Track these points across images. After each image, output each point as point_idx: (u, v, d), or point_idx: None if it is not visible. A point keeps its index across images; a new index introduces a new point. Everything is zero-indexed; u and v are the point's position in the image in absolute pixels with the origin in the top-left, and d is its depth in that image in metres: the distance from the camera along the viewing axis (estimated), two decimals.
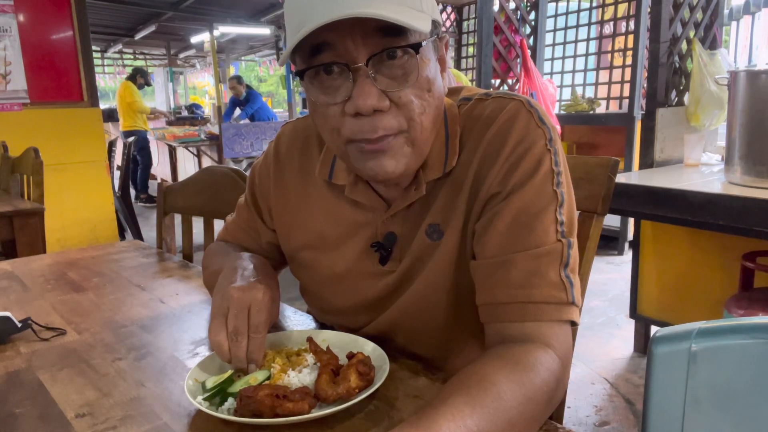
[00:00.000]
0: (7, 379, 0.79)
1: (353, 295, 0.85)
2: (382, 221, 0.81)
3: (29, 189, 2.52)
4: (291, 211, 0.90)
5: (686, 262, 2.44)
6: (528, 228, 0.70)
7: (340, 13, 0.62)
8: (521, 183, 0.71)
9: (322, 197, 0.87)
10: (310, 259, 0.89)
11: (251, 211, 0.97)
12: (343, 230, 0.84)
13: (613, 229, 4.08)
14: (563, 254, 0.70)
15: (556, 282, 0.69)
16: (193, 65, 14.75)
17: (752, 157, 1.90)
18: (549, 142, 0.73)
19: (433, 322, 0.81)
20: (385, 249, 0.81)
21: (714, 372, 0.53)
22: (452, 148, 0.77)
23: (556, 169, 0.73)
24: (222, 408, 0.66)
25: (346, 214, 0.84)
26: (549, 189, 0.72)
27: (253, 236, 0.98)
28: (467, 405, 0.54)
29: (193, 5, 7.69)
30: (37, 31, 3.63)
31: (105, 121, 4.85)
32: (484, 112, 0.77)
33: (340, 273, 0.85)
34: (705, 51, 2.50)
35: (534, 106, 0.75)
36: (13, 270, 1.34)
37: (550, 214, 0.71)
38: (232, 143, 6.06)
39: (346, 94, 0.68)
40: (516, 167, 0.72)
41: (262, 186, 0.94)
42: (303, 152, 0.90)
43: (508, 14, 4.18)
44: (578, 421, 2.06)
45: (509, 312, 0.69)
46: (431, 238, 0.78)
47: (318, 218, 0.87)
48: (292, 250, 0.91)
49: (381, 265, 0.82)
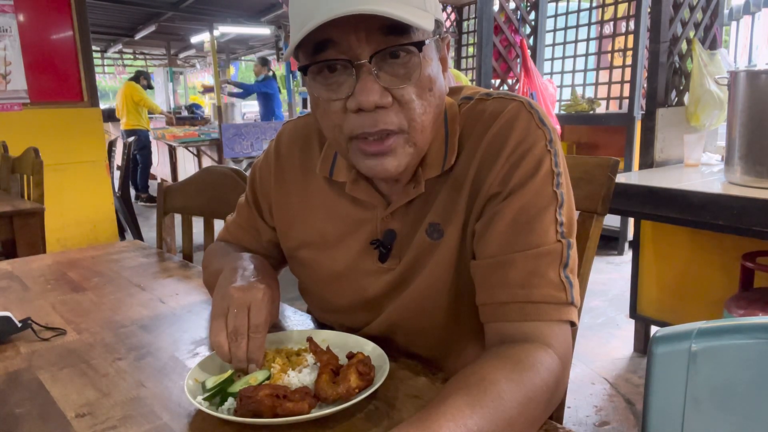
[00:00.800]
0: (7, 379, 0.79)
1: (353, 293, 0.85)
2: (382, 218, 0.81)
3: (29, 189, 2.52)
4: (291, 208, 0.90)
5: (686, 262, 2.44)
6: (528, 228, 0.70)
7: (343, 9, 0.63)
8: (521, 183, 0.72)
9: (322, 194, 0.87)
10: (309, 257, 0.89)
11: (252, 210, 0.97)
12: (343, 227, 0.85)
13: (613, 229, 4.08)
14: (563, 254, 0.70)
15: (555, 282, 0.69)
16: (193, 65, 14.75)
17: (752, 157, 1.90)
18: (549, 143, 0.73)
19: (433, 322, 0.81)
20: (384, 246, 0.82)
21: (714, 372, 0.53)
22: (451, 146, 0.77)
23: (556, 170, 0.73)
24: (222, 408, 0.66)
25: (346, 212, 0.84)
26: (549, 190, 0.72)
27: (253, 235, 0.98)
28: (467, 405, 0.55)
29: (193, 5, 7.69)
30: (37, 31, 3.63)
31: (105, 121, 4.85)
32: (485, 112, 0.77)
33: (340, 271, 0.85)
34: (705, 51, 2.50)
35: (535, 108, 0.75)
36: (13, 270, 1.34)
37: (550, 214, 0.71)
38: (232, 143, 6.06)
39: (348, 90, 0.69)
40: (516, 167, 0.72)
41: (263, 184, 0.94)
42: (304, 150, 0.90)
43: (508, 14, 4.19)
44: (578, 421, 2.06)
45: (509, 312, 0.69)
46: (431, 237, 0.78)
47: (318, 216, 0.87)
48: (291, 248, 0.91)
49: (381, 263, 0.82)
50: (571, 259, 0.71)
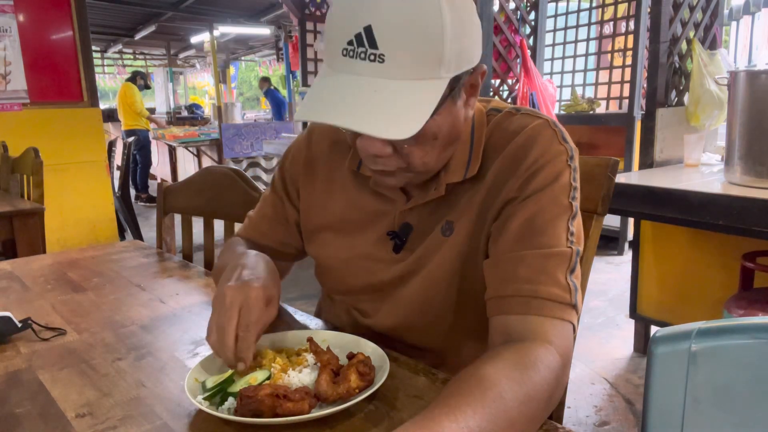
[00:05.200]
0: (7, 379, 0.79)
1: (366, 276, 0.89)
2: (400, 212, 0.86)
3: (29, 189, 2.52)
4: (315, 192, 0.95)
5: (686, 262, 2.44)
6: (540, 230, 0.73)
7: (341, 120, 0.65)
8: (539, 189, 0.75)
9: (347, 185, 0.91)
10: (329, 239, 0.93)
11: (279, 195, 1.00)
12: (364, 217, 0.89)
13: (613, 229, 4.08)
14: (572, 259, 0.72)
15: (562, 283, 0.70)
16: (193, 65, 14.75)
17: (752, 157, 1.90)
18: (570, 159, 0.77)
19: (437, 315, 0.85)
20: (399, 238, 0.86)
21: (714, 372, 0.53)
22: (476, 155, 0.80)
23: (573, 184, 0.76)
24: (222, 408, 0.66)
25: (368, 203, 0.89)
26: (565, 200, 0.75)
27: (280, 221, 1.00)
28: (469, 406, 0.55)
29: (193, 5, 7.69)
30: (37, 31, 3.62)
31: (105, 121, 4.85)
32: (510, 125, 0.80)
33: (356, 255, 0.90)
34: (705, 51, 2.50)
35: (559, 127, 0.79)
36: (13, 270, 1.34)
37: (563, 222, 0.74)
38: (232, 143, 6.06)
39: (354, 133, 0.73)
40: (535, 176, 0.75)
41: (293, 165, 0.98)
42: (335, 143, 0.95)
43: (508, 14, 4.18)
44: (578, 421, 2.06)
45: (513, 305, 0.71)
46: (444, 234, 0.82)
47: (341, 203, 0.92)
48: (312, 229, 0.96)
49: (394, 253, 0.86)
50: (577, 267, 0.73)
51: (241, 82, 18.12)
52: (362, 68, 0.66)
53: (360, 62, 0.65)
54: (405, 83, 0.66)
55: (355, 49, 0.65)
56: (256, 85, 13.94)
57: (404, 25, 0.64)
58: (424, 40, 0.65)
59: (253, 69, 16.89)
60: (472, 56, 0.71)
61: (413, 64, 0.65)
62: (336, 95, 0.67)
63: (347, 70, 0.67)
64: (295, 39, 7.53)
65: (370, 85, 0.65)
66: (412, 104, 0.66)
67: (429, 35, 0.65)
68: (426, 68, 0.66)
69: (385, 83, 0.65)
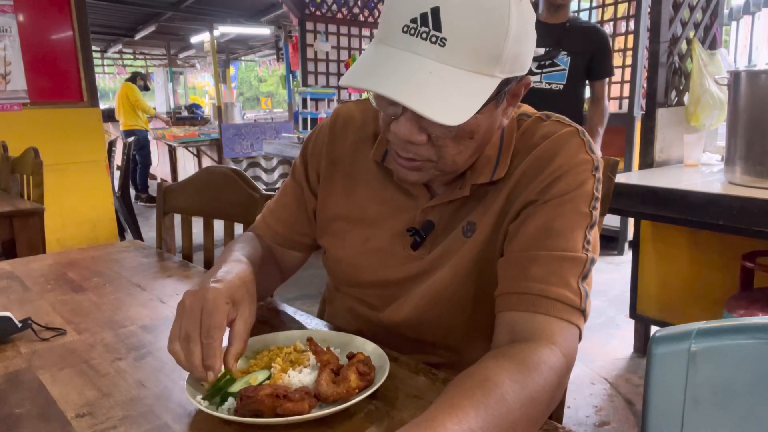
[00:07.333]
0: (7, 379, 0.79)
1: (379, 271, 0.88)
2: (422, 209, 0.84)
3: (29, 189, 2.52)
4: (334, 179, 0.93)
5: (686, 262, 2.44)
6: (557, 234, 0.73)
7: (389, 91, 0.64)
8: (560, 194, 0.74)
9: (370, 176, 0.90)
10: (344, 229, 0.91)
11: (298, 181, 0.98)
12: (384, 210, 0.88)
13: (613, 229, 4.08)
14: (585, 266, 0.72)
15: (573, 287, 0.70)
16: (193, 65, 14.74)
17: (752, 157, 1.90)
18: (595, 170, 0.76)
19: (449, 315, 0.84)
20: (420, 235, 0.84)
21: (714, 372, 0.53)
22: (504, 159, 0.80)
23: (596, 194, 0.76)
24: (222, 408, 0.66)
25: (390, 196, 0.87)
26: (585, 208, 0.74)
27: (300, 209, 0.97)
28: (472, 407, 0.55)
29: (193, 5, 7.69)
30: (37, 31, 3.62)
31: (105, 121, 4.84)
32: (540, 131, 0.80)
33: (372, 249, 0.88)
34: (705, 51, 2.50)
35: (587, 137, 0.78)
36: (13, 270, 1.34)
37: (581, 229, 0.73)
38: (232, 143, 6.06)
39: (394, 113, 0.71)
40: (558, 181, 0.75)
41: (315, 150, 0.96)
42: (358, 132, 0.93)
43: None
44: (578, 421, 2.06)
45: (522, 302, 0.71)
46: (465, 235, 0.81)
47: (362, 194, 0.90)
48: (328, 218, 0.93)
49: (412, 250, 0.85)
50: (590, 274, 0.73)
51: (241, 82, 18.12)
52: (421, 48, 0.65)
53: (420, 42, 0.64)
54: (460, 72, 0.65)
55: (418, 27, 0.64)
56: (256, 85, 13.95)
57: (472, 14, 0.63)
58: (489, 34, 0.64)
59: (253, 69, 16.89)
60: (525, 64, 0.71)
61: (473, 54, 0.65)
62: (389, 68, 0.65)
63: (404, 47, 0.66)
64: (295, 39, 7.52)
65: (425, 66, 0.64)
66: (464, 94, 0.65)
67: (494, 30, 0.64)
68: (483, 62, 0.65)
69: (441, 67, 0.64)
